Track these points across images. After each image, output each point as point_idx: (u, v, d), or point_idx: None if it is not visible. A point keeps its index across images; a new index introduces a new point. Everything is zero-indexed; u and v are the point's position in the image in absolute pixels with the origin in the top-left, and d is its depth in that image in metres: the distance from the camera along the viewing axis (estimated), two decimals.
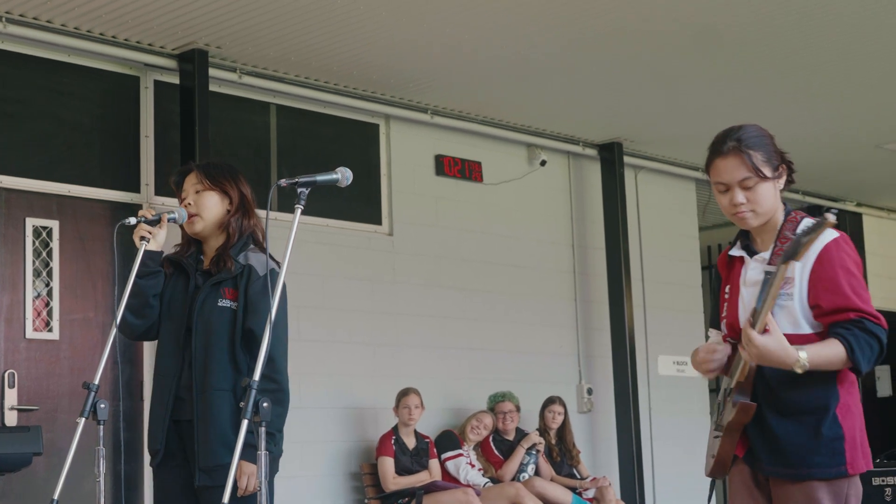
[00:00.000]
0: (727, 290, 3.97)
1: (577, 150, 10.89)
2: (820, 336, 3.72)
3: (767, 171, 3.81)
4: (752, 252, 3.91)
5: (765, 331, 3.62)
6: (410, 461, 8.79)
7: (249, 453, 4.32)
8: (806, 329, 3.72)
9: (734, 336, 3.87)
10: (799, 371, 3.60)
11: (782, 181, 3.86)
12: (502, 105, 9.87)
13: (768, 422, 3.77)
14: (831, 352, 3.63)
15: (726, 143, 3.87)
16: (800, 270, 3.73)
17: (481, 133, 10.22)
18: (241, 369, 4.57)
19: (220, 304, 4.60)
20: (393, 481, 8.65)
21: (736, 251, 3.97)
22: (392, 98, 9.48)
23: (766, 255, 3.84)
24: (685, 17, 8.00)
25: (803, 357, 3.59)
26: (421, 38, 8.22)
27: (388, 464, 8.69)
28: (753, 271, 3.86)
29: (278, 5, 7.52)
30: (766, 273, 3.73)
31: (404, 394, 8.87)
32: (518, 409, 9.53)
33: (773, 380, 3.76)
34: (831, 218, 3.45)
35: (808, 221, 3.80)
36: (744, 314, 3.84)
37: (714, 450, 3.90)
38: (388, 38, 8.18)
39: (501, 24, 7.99)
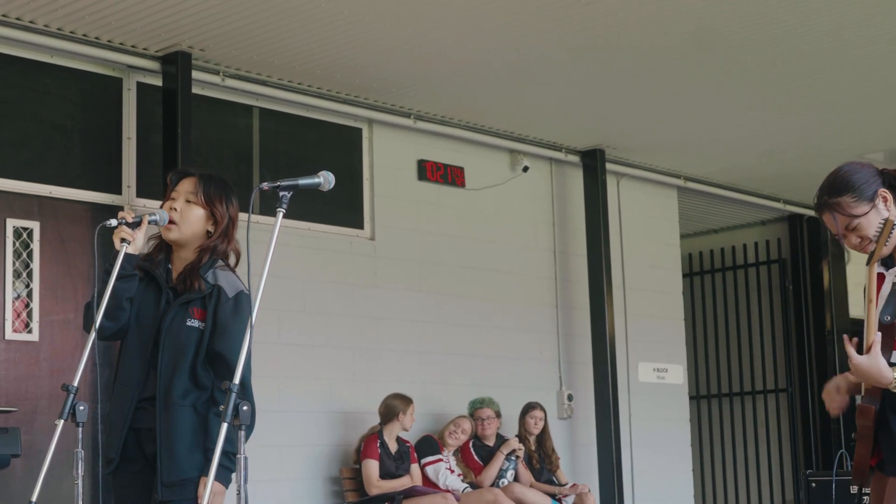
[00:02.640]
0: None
1: (560, 156, 10.90)
2: None
3: (861, 209, 3.91)
4: (889, 266, 4.02)
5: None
6: (394, 465, 8.79)
7: (223, 474, 4.32)
8: None
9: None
10: (894, 391, 3.72)
11: (890, 202, 3.94)
12: (485, 111, 9.88)
13: (889, 423, 3.86)
14: None
15: (817, 200, 4.02)
16: None
17: (464, 138, 10.23)
18: (202, 385, 4.56)
19: (188, 323, 4.58)
20: (377, 484, 8.63)
21: (878, 268, 4.04)
22: (375, 102, 9.48)
23: None
24: (669, 26, 8.01)
25: None
26: (405, 43, 8.22)
27: (373, 467, 8.67)
28: (887, 285, 3.97)
29: (262, 8, 7.52)
30: (894, 285, 3.87)
31: (409, 402, 8.90)
32: (498, 415, 9.53)
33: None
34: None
35: None
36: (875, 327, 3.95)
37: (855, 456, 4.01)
38: (371, 43, 8.18)
39: (485, 30, 8.00)
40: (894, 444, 3.83)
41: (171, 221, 4.69)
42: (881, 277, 4.01)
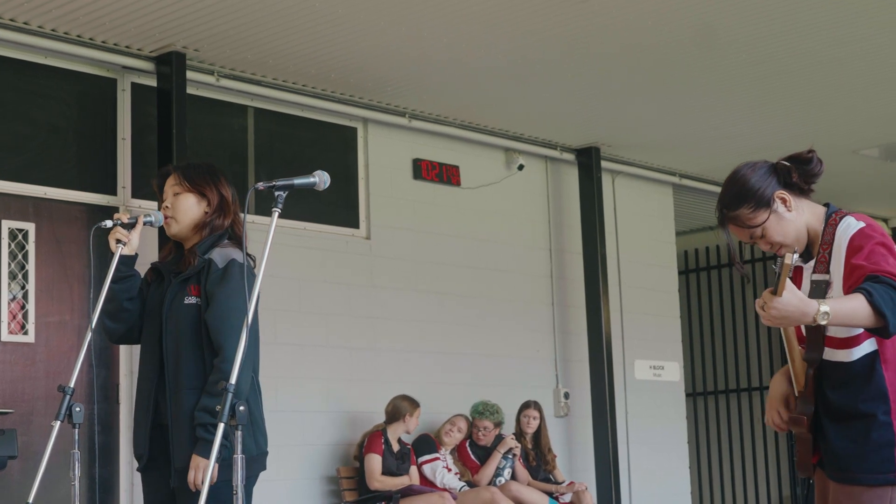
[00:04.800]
0: None
1: (555, 154, 10.91)
2: (862, 337, 3.72)
3: (761, 216, 3.80)
4: (808, 259, 3.91)
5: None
6: (396, 465, 8.80)
7: (201, 447, 4.33)
8: (856, 329, 3.70)
9: (801, 342, 3.89)
10: (823, 323, 3.48)
11: (788, 202, 3.83)
12: (480, 109, 9.88)
13: (824, 427, 3.80)
14: (854, 302, 3.51)
15: (718, 215, 3.90)
16: (837, 271, 3.74)
17: (459, 137, 10.23)
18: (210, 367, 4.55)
19: (186, 301, 4.59)
20: (378, 479, 8.63)
21: (797, 262, 3.93)
22: (370, 102, 9.47)
23: (812, 262, 3.86)
24: (663, 24, 8.01)
25: (824, 308, 3.46)
26: (400, 42, 8.22)
27: (376, 461, 8.68)
28: (807, 280, 3.88)
29: (256, 8, 7.51)
30: (812, 282, 3.75)
31: (417, 406, 8.94)
32: (497, 425, 9.47)
33: (826, 386, 3.79)
34: (788, 259, 3.39)
35: (849, 221, 3.81)
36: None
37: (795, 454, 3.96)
38: (366, 42, 8.17)
39: (480, 29, 8.00)
40: (832, 449, 3.77)
41: (166, 218, 4.72)
42: (799, 270, 3.94)
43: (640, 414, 11.37)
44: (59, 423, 4.32)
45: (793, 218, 3.84)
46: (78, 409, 4.33)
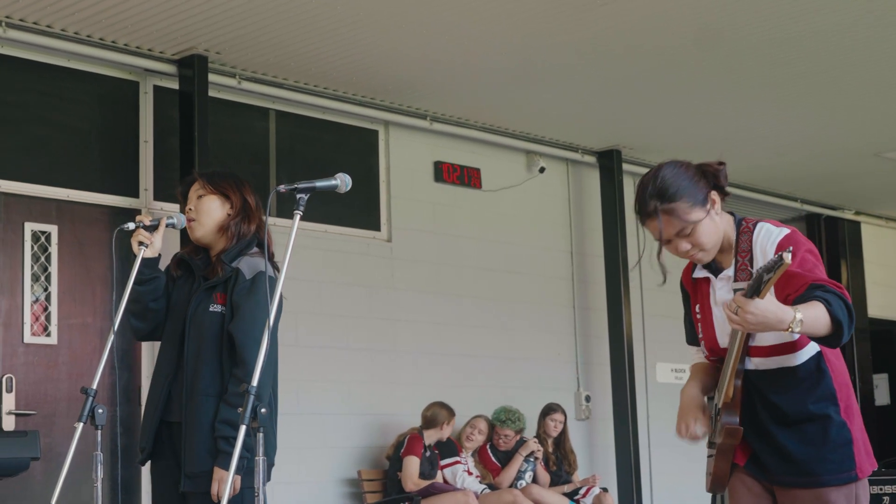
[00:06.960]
0: (698, 309, 3.95)
1: (576, 157, 10.90)
2: (805, 340, 3.67)
3: (698, 214, 3.71)
4: (715, 270, 3.85)
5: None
6: (428, 468, 8.82)
7: (222, 459, 4.36)
8: (787, 337, 3.66)
9: (714, 356, 3.86)
10: (797, 330, 3.38)
11: (717, 205, 3.75)
12: (501, 112, 9.88)
13: (772, 433, 3.74)
14: (818, 311, 3.42)
15: (648, 204, 3.77)
16: None
17: (480, 140, 10.22)
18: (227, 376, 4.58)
19: (211, 309, 4.62)
20: (415, 482, 8.65)
21: (700, 272, 3.90)
22: (391, 104, 9.48)
23: (730, 272, 3.80)
24: (684, 25, 8.00)
25: (799, 315, 3.36)
26: (420, 45, 8.22)
27: (415, 464, 8.69)
28: (721, 290, 3.82)
29: (278, 11, 7.53)
30: (736, 291, 3.64)
31: (453, 415, 9.04)
32: (519, 432, 9.45)
33: (767, 391, 3.74)
34: (787, 258, 3.26)
35: (768, 228, 3.74)
36: (720, 334, 3.82)
37: (710, 468, 3.89)
38: (387, 45, 8.18)
39: (500, 31, 8.00)
40: (784, 453, 3.72)
41: (189, 221, 4.74)
42: (706, 282, 3.89)
43: (662, 417, 11.33)
44: (81, 424, 4.34)
45: (719, 222, 3.77)
46: (100, 410, 4.35)
